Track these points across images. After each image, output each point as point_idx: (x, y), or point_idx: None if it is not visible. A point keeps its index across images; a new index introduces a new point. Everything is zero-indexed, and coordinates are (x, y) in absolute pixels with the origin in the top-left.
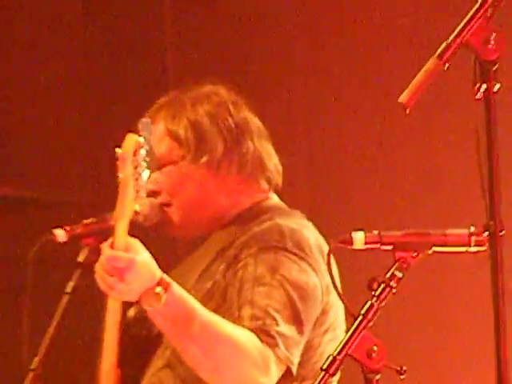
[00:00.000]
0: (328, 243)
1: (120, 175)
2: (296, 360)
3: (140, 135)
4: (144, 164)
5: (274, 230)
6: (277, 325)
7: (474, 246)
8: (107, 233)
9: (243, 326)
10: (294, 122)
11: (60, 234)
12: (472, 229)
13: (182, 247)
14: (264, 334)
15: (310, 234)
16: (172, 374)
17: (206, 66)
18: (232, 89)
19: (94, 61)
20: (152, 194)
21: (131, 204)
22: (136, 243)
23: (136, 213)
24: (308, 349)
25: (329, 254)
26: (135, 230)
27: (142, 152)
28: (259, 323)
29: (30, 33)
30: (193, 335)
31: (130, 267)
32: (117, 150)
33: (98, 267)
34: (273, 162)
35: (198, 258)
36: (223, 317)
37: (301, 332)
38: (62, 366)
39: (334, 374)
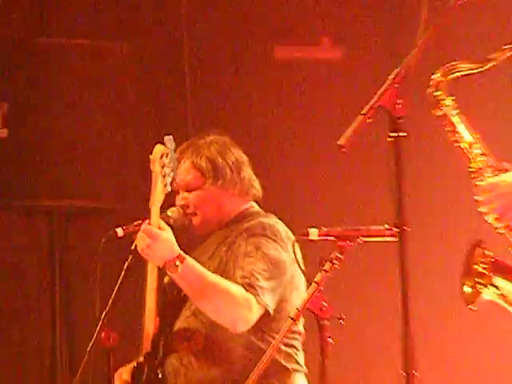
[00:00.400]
0: (293, 234)
1: (152, 173)
2: (271, 304)
3: (165, 146)
4: (169, 167)
5: (258, 224)
6: (257, 280)
7: (388, 237)
8: None
9: (236, 282)
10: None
11: (119, 231)
12: (386, 226)
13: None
14: (249, 287)
15: (282, 228)
16: (196, 319)
17: None
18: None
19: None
20: (182, 207)
21: (160, 194)
22: (165, 226)
23: (169, 217)
24: (283, 303)
25: (293, 243)
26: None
27: (167, 158)
28: (246, 280)
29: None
30: (202, 290)
31: (155, 239)
32: (150, 156)
33: (138, 236)
34: (256, 182)
35: (206, 247)
36: (225, 278)
37: (275, 287)
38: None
39: (297, 320)
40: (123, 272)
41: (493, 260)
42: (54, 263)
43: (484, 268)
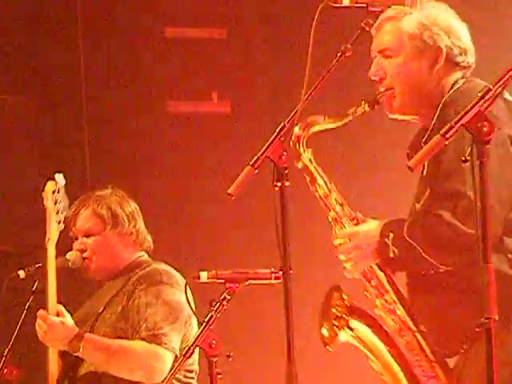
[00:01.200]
0: (185, 278)
1: (46, 209)
2: (177, 347)
3: (56, 182)
4: (62, 202)
5: (153, 272)
6: (162, 329)
7: (274, 279)
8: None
9: (140, 336)
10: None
11: (21, 273)
12: (272, 269)
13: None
14: (154, 338)
15: (174, 273)
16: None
17: None
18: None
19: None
20: (80, 250)
21: (55, 231)
22: (61, 309)
23: (67, 260)
24: (184, 340)
25: (185, 286)
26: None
27: (59, 193)
28: (150, 333)
29: None
30: (107, 359)
31: (51, 327)
32: (42, 193)
33: (37, 324)
34: (149, 235)
35: (102, 294)
36: (128, 330)
37: (179, 328)
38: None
39: (189, 357)
40: (24, 311)
41: (349, 304)
42: None
43: (341, 311)
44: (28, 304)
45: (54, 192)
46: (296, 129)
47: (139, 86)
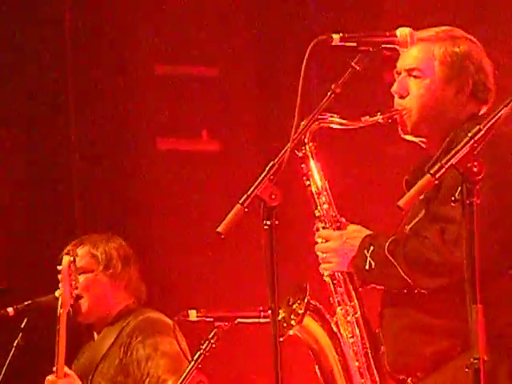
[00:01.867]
0: (174, 317)
1: (60, 286)
2: None
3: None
4: (75, 274)
5: (147, 321)
6: (166, 382)
7: (263, 318)
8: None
9: None
10: None
11: (10, 310)
12: (261, 308)
13: None
14: None
15: (167, 320)
16: None
17: None
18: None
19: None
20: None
21: (69, 299)
22: (69, 371)
23: (56, 298)
24: None
25: (174, 325)
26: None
27: (74, 266)
28: None
29: None
30: None
31: None
32: (58, 267)
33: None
34: (143, 285)
35: (98, 344)
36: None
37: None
38: None
39: None
40: (13, 349)
41: (310, 303)
42: None
43: (300, 308)
44: (17, 341)
45: (69, 266)
46: (305, 120)
47: (129, 122)
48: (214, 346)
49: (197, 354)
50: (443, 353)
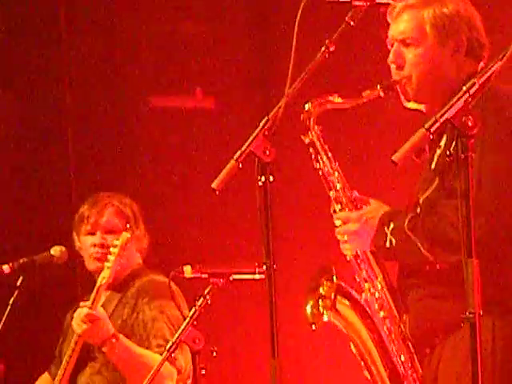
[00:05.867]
0: (169, 272)
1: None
2: (184, 364)
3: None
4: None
5: (152, 283)
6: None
7: (258, 274)
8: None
9: (153, 350)
10: None
11: (5, 268)
12: (256, 265)
13: None
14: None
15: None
16: (102, 377)
17: None
18: None
19: None
20: (100, 245)
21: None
22: (100, 308)
23: (52, 256)
24: None
25: (169, 281)
26: None
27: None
28: (162, 349)
29: None
30: (133, 365)
31: (96, 323)
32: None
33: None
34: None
35: (104, 306)
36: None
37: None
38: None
39: (173, 352)
40: (9, 307)
41: (337, 284)
42: None
43: (328, 291)
44: (13, 299)
45: (126, 243)
46: (307, 105)
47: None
48: (209, 302)
49: (192, 311)
50: (457, 318)
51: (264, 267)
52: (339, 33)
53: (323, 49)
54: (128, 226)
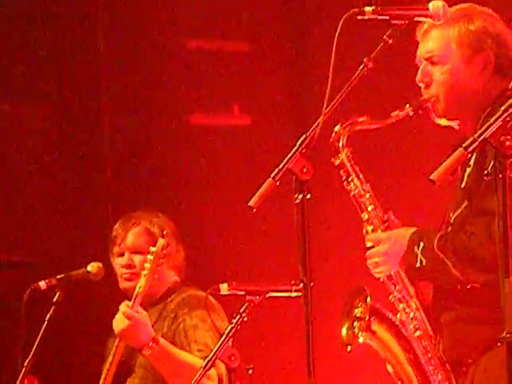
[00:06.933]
0: (205, 290)
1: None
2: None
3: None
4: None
5: (192, 297)
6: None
7: (294, 292)
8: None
9: (194, 355)
10: None
11: (42, 284)
12: (292, 282)
13: None
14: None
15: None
16: None
17: None
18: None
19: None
20: (127, 266)
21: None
22: (142, 310)
23: (88, 272)
24: None
25: (206, 297)
26: None
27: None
28: (203, 353)
29: None
30: (175, 369)
31: (135, 323)
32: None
33: (117, 318)
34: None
35: None
36: None
37: None
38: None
39: (209, 369)
40: (45, 323)
41: (371, 306)
42: None
43: (363, 312)
44: (49, 315)
45: (162, 249)
46: (337, 127)
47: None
48: (245, 319)
49: (228, 328)
50: (489, 339)
51: (301, 285)
52: (378, 51)
53: (361, 67)
54: (164, 232)
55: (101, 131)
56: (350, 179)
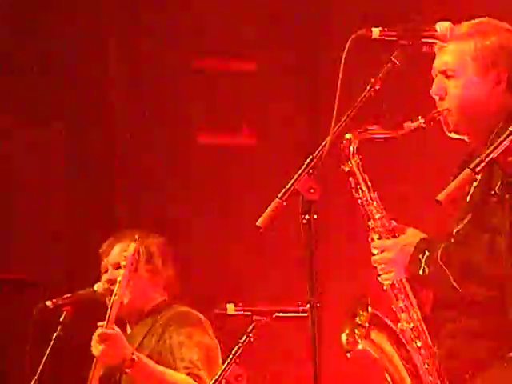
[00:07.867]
0: (212, 310)
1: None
2: None
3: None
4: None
5: (181, 313)
6: (198, 369)
7: (301, 313)
8: (78, 303)
9: (181, 372)
10: None
11: (49, 304)
12: (299, 303)
13: None
14: (194, 376)
15: (200, 315)
16: None
17: None
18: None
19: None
20: (108, 281)
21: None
22: (115, 327)
23: (95, 292)
24: None
25: (207, 320)
26: None
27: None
28: (189, 371)
29: None
30: (153, 379)
31: (112, 342)
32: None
33: (94, 336)
34: (177, 283)
35: (133, 337)
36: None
37: (212, 370)
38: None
39: None
40: (52, 342)
41: (372, 314)
42: None
43: (363, 320)
44: (56, 334)
45: (134, 254)
46: (348, 134)
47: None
48: (252, 339)
49: (235, 348)
50: (488, 354)
51: (307, 305)
52: (384, 71)
53: (368, 87)
54: (137, 237)
55: (112, 149)
56: (358, 187)
